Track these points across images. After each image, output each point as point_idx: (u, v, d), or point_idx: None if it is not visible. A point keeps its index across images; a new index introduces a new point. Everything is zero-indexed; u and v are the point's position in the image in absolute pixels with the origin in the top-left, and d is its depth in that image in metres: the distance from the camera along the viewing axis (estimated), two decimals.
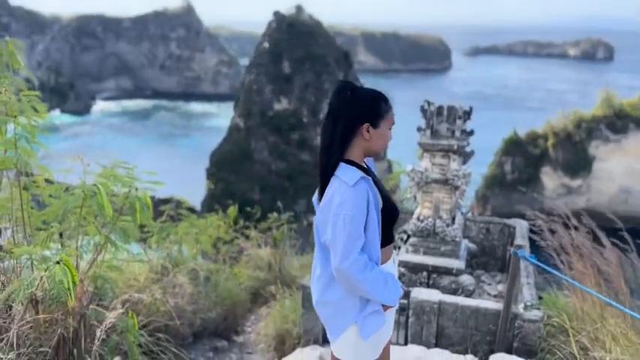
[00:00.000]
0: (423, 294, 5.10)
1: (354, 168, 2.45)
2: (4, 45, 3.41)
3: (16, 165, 3.10)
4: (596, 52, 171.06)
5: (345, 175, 2.40)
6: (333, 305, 2.55)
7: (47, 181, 3.57)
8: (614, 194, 53.55)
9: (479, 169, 55.34)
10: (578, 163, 54.11)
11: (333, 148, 2.44)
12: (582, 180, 54.30)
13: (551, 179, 55.08)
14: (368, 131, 2.46)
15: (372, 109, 2.47)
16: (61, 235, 3.56)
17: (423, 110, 5.96)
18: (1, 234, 3.70)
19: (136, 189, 3.37)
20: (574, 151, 54.33)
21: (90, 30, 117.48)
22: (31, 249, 2.91)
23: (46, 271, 2.75)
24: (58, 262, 2.84)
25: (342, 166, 2.44)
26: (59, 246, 3.62)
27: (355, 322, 2.51)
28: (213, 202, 51.58)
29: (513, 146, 55.71)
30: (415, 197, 6.14)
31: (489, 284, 6.77)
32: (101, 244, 3.45)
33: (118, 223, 3.51)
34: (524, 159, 55.38)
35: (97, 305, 3.92)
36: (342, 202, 2.36)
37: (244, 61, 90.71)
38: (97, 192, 3.00)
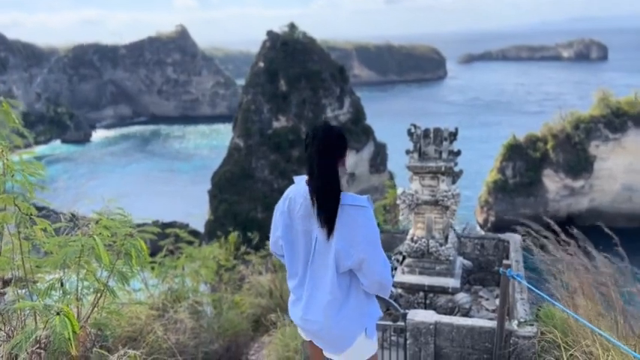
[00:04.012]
0: (419, 315, 5.20)
1: (352, 193, 2.73)
2: None
3: (16, 220, 3.25)
4: (589, 53, 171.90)
5: (353, 201, 2.68)
6: (347, 320, 2.82)
7: (45, 230, 3.72)
8: (617, 193, 53.48)
9: (483, 177, 55.31)
10: (579, 164, 54.10)
11: (336, 183, 2.69)
12: (584, 180, 54.27)
13: (553, 181, 55.06)
14: (346, 159, 2.81)
15: (346, 140, 2.84)
16: (62, 283, 3.69)
17: (410, 134, 6.11)
18: (5, 285, 3.83)
19: (131, 235, 3.52)
20: (574, 151, 54.34)
21: (86, 59, 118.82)
22: (33, 303, 3.05)
23: (47, 323, 2.88)
24: (58, 314, 2.97)
25: (343, 195, 2.70)
26: (61, 293, 3.76)
27: (364, 328, 2.86)
28: (217, 224, 51.73)
29: (513, 151, 55.74)
30: (408, 218, 6.27)
31: (487, 299, 6.87)
32: (101, 290, 3.58)
33: (116, 267, 3.66)
34: (525, 163, 55.39)
35: (101, 347, 4.05)
36: (368, 223, 2.68)
37: (241, 81, 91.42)
38: (94, 244, 3.15)
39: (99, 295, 3.64)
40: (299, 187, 2.87)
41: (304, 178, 2.87)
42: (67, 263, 3.57)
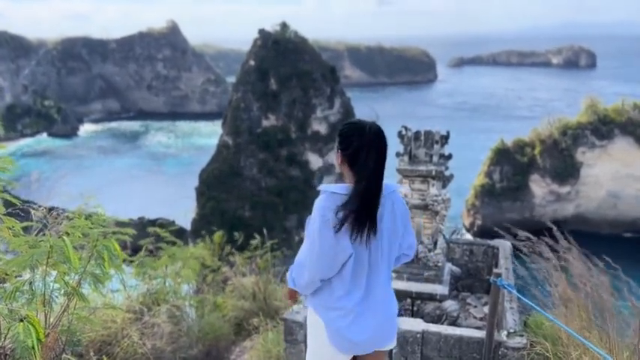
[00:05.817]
0: (406, 324, 5.05)
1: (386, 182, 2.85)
2: None
3: None
4: (578, 60, 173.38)
5: (395, 187, 2.85)
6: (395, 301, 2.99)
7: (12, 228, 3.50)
8: (602, 199, 53.90)
9: (470, 181, 55.47)
10: (566, 170, 54.46)
11: (382, 178, 2.74)
12: (571, 186, 54.63)
13: (539, 187, 55.37)
14: None
15: None
16: (30, 283, 3.49)
17: (401, 136, 5.96)
18: None
19: (104, 236, 3.32)
20: (561, 157, 54.69)
21: (75, 52, 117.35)
22: None
23: (9, 330, 2.68)
24: (22, 320, 2.76)
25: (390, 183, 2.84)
26: (30, 296, 3.54)
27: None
28: (203, 222, 51.31)
29: (501, 155, 55.99)
30: None
31: (475, 306, 6.73)
32: (71, 293, 3.38)
33: (89, 268, 3.45)
34: (512, 167, 55.64)
35: (72, 353, 3.84)
36: (404, 203, 2.91)
37: (231, 79, 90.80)
38: (63, 246, 2.95)
39: (69, 298, 3.44)
40: (341, 196, 2.62)
41: (339, 186, 2.67)
42: (35, 264, 3.37)
